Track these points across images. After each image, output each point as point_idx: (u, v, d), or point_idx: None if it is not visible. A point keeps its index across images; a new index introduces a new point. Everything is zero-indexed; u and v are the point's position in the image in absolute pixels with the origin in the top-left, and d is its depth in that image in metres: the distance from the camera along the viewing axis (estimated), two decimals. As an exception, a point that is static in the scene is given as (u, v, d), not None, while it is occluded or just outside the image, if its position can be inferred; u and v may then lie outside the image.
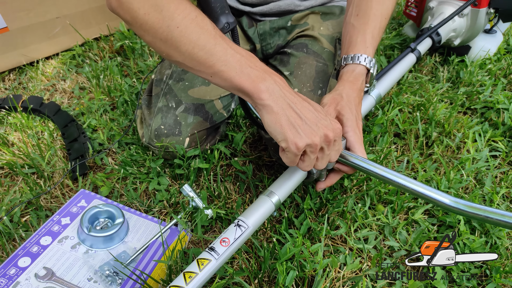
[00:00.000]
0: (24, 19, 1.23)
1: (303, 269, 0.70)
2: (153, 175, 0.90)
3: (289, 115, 0.60)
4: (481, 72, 1.22)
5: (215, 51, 0.62)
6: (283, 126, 0.60)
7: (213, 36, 0.63)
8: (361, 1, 0.83)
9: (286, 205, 0.85)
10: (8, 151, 0.96)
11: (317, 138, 0.60)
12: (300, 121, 0.60)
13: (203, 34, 0.63)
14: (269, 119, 0.60)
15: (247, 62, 0.62)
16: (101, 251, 0.74)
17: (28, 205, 0.87)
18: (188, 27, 0.63)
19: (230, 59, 0.62)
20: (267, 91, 0.60)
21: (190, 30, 0.62)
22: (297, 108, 0.61)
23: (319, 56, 0.94)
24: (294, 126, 0.60)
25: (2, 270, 0.68)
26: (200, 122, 0.90)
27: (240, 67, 0.61)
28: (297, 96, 0.63)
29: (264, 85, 0.60)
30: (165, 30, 0.63)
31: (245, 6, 1.02)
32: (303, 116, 0.60)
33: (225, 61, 0.62)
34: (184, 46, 0.63)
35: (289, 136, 0.59)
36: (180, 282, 0.57)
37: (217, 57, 0.62)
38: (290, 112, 0.60)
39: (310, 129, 0.60)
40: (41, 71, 1.30)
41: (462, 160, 0.92)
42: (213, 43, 0.62)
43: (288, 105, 0.60)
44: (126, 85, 1.18)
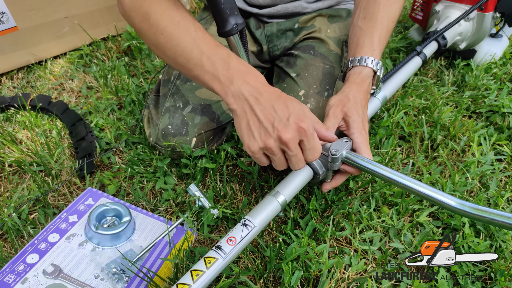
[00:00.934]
0: (33, 19, 1.25)
1: (308, 270, 0.71)
2: (160, 174, 0.91)
3: (249, 119, 0.61)
4: (486, 76, 1.22)
5: (192, 57, 0.64)
6: (242, 129, 0.62)
7: (192, 41, 0.64)
8: (368, 4, 0.84)
9: (292, 205, 0.85)
10: (16, 149, 0.97)
11: (271, 141, 0.60)
12: (257, 124, 0.61)
13: (182, 39, 0.65)
14: (235, 123, 0.63)
15: (222, 65, 0.63)
16: (108, 249, 0.75)
17: (36, 203, 0.87)
18: (170, 32, 0.65)
19: (205, 64, 0.63)
20: (233, 96, 0.62)
21: (172, 36, 0.65)
22: (259, 110, 0.61)
23: (326, 58, 0.94)
24: (251, 130, 0.61)
25: (11, 266, 0.69)
26: (207, 123, 0.91)
27: (213, 72, 0.63)
28: (265, 96, 0.61)
29: (231, 89, 0.62)
30: (153, 36, 0.66)
31: (252, 8, 1.03)
32: (262, 118, 0.60)
33: (200, 65, 0.64)
34: (168, 51, 0.66)
35: (245, 140, 0.61)
36: (187, 280, 0.58)
37: (193, 62, 0.64)
38: (250, 116, 0.61)
39: (266, 132, 0.60)
40: (49, 70, 1.31)
41: (467, 163, 0.92)
42: (190, 48, 0.64)
43: (250, 109, 0.61)
44: (133, 85, 1.19)
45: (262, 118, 0.60)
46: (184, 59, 0.65)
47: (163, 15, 0.66)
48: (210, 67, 0.63)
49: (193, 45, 0.64)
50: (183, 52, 0.65)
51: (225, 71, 0.63)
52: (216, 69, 0.63)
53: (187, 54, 0.65)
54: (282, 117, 0.60)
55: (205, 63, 0.63)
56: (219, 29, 0.67)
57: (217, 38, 0.99)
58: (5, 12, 1.18)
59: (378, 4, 0.82)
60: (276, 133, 0.59)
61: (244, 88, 0.62)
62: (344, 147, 0.71)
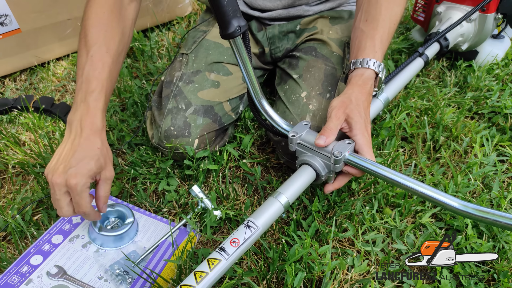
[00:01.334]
0: (36, 21, 1.25)
1: (311, 271, 0.71)
2: (163, 176, 0.91)
3: (60, 148, 0.68)
4: (488, 77, 1.23)
5: (76, 78, 0.73)
6: (56, 152, 0.68)
7: (83, 63, 0.72)
8: (370, 7, 0.84)
9: (294, 207, 0.85)
10: (20, 151, 0.98)
11: (49, 176, 0.64)
12: (58, 157, 0.66)
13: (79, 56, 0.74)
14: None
15: (80, 93, 0.70)
16: (112, 250, 0.75)
17: (40, 204, 0.88)
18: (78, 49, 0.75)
19: (76, 88, 0.72)
20: (68, 122, 0.69)
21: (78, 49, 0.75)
22: (68, 146, 0.67)
23: (328, 59, 0.95)
24: (54, 158, 0.67)
25: (15, 268, 0.69)
26: (209, 124, 0.91)
27: (75, 96, 0.71)
28: (82, 137, 0.67)
29: (70, 114, 0.70)
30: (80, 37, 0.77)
31: (254, 11, 1.03)
32: (64, 154, 0.66)
33: (75, 89, 0.72)
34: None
35: (48, 165, 0.66)
36: (191, 282, 0.58)
37: (76, 81, 0.73)
38: (62, 146, 0.68)
39: (54, 166, 0.65)
40: (52, 72, 1.32)
41: (470, 165, 0.92)
42: (77, 74, 0.72)
43: (66, 141, 0.68)
44: (136, 87, 1.19)
45: (64, 154, 0.66)
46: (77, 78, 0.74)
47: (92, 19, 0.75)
48: (78, 89, 0.71)
49: (80, 71, 0.72)
50: (77, 77, 0.73)
51: (79, 99, 0.70)
52: (78, 95, 0.71)
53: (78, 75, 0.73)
54: (70, 165, 0.64)
55: (78, 85, 0.71)
56: (222, 31, 0.67)
57: (220, 39, 1.00)
58: (8, 14, 1.19)
59: (379, 6, 0.83)
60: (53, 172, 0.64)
61: (80, 122, 0.68)
62: (346, 149, 0.71)
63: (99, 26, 0.74)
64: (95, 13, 0.75)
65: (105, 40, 0.74)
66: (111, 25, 0.76)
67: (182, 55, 1.01)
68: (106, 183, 0.69)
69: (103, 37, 0.73)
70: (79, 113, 0.68)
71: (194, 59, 0.98)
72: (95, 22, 0.74)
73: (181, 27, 1.54)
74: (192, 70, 0.96)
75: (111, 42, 0.75)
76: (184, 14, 1.62)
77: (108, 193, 0.71)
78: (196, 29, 1.07)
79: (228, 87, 0.97)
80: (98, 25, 0.74)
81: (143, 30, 1.52)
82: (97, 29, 0.74)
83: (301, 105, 0.89)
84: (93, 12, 0.75)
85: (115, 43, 0.75)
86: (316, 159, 0.74)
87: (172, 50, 1.40)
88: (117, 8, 0.78)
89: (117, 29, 0.77)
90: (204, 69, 0.96)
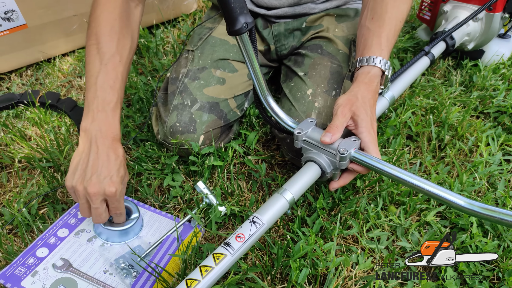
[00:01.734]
0: (42, 17, 1.26)
1: (316, 267, 0.71)
2: (168, 172, 0.92)
3: (82, 158, 0.69)
4: (494, 77, 1.22)
5: (87, 85, 0.74)
6: (72, 163, 0.69)
7: (97, 71, 0.73)
8: (376, 5, 0.84)
9: (299, 204, 0.86)
10: (26, 145, 0.98)
11: (81, 187, 0.66)
12: (83, 167, 0.68)
13: (91, 63, 0.74)
14: (74, 154, 0.70)
15: (96, 101, 0.71)
16: (117, 245, 0.76)
17: (46, 198, 0.88)
18: (87, 52, 0.75)
19: (88, 95, 0.72)
20: (84, 131, 0.70)
21: (87, 55, 0.75)
22: (93, 156, 0.68)
23: (333, 57, 0.95)
24: (77, 168, 0.68)
25: (21, 259, 0.70)
26: (214, 120, 0.92)
27: (88, 103, 0.72)
28: (105, 146, 0.69)
29: (85, 122, 0.71)
30: (85, 49, 0.77)
31: (260, 9, 1.03)
32: (90, 164, 0.68)
33: (86, 95, 0.73)
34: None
35: (68, 174, 0.68)
36: (197, 276, 0.58)
37: (86, 86, 0.74)
38: (85, 156, 0.69)
39: (84, 176, 0.67)
40: (57, 68, 1.32)
41: (475, 163, 0.92)
42: (89, 82, 0.73)
43: (88, 149, 0.69)
44: (141, 83, 1.20)
45: (90, 165, 0.68)
46: (86, 82, 0.74)
47: (87, 36, 0.77)
48: (90, 98, 0.72)
49: (91, 76, 0.73)
50: (87, 81, 0.74)
51: (95, 107, 0.71)
52: (92, 103, 0.72)
53: (87, 81, 0.74)
54: (103, 174, 0.67)
55: (88, 95, 0.72)
56: (229, 27, 0.68)
57: (227, 36, 1.00)
58: (15, 10, 1.20)
59: (386, 4, 0.82)
60: (88, 183, 0.66)
61: (98, 131, 0.70)
62: (352, 146, 0.71)
63: (112, 34, 0.75)
64: (106, 20, 0.76)
65: (118, 49, 0.75)
66: (122, 33, 0.77)
67: (188, 52, 1.01)
68: (124, 186, 0.73)
69: (115, 46, 0.75)
70: (97, 122, 0.70)
71: (200, 55, 0.98)
72: (108, 30, 0.75)
73: (186, 24, 1.55)
74: (198, 67, 0.96)
75: (123, 50, 0.77)
76: (189, 11, 1.62)
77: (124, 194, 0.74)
78: (202, 26, 1.07)
79: (233, 84, 0.97)
80: (111, 33, 0.75)
81: (148, 26, 1.52)
82: (110, 37, 0.75)
83: (306, 102, 0.89)
84: (104, 19, 0.76)
85: (126, 51, 0.77)
86: (322, 156, 0.74)
87: (177, 47, 1.40)
88: (126, 13, 0.79)
89: (128, 36, 0.79)
90: (210, 65, 0.96)
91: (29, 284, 0.66)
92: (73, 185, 0.67)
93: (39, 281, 0.67)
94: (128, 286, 0.68)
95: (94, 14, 0.77)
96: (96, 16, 0.76)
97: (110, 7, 0.76)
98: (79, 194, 0.67)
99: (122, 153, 0.72)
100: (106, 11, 0.76)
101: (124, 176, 0.71)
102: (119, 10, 0.77)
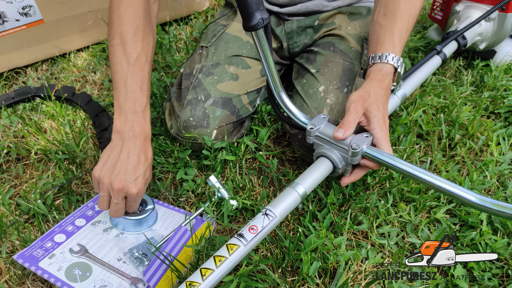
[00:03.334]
0: (58, 12, 1.28)
1: (326, 261, 0.72)
2: (180, 165, 0.93)
3: (114, 154, 0.71)
4: (506, 77, 1.22)
5: (116, 86, 0.75)
6: (103, 156, 0.71)
7: (125, 72, 0.74)
8: (388, 1, 0.84)
9: (309, 199, 0.87)
10: (42, 137, 1.00)
11: (107, 180, 0.69)
12: (113, 162, 0.70)
13: (118, 64, 0.75)
14: (106, 148, 0.73)
15: (128, 102, 0.73)
16: (131, 235, 0.77)
17: (61, 189, 0.90)
18: (111, 51, 0.76)
19: (119, 97, 0.74)
20: (118, 132, 0.72)
21: (112, 55, 0.76)
22: (124, 154, 0.71)
23: (346, 55, 0.95)
24: (107, 162, 0.70)
25: (39, 243, 0.72)
26: (227, 116, 0.93)
27: (119, 105, 0.74)
28: (137, 147, 0.71)
29: (119, 123, 0.73)
30: (109, 49, 0.77)
31: (273, 6, 1.04)
32: (120, 161, 0.70)
33: (116, 96, 0.75)
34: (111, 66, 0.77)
35: (98, 164, 0.71)
36: (211, 265, 0.59)
37: (115, 87, 0.75)
38: (116, 152, 0.71)
39: (112, 171, 0.69)
40: (72, 63, 1.35)
41: (486, 162, 0.93)
42: (118, 83, 0.74)
43: (121, 147, 0.71)
44: (155, 79, 1.21)
45: (120, 161, 0.70)
46: (113, 82, 0.76)
47: (110, 35, 0.77)
48: (122, 100, 0.74)
49: (120, 74, 0.75)
50: (113, 77, 0.76)
51: (127, 108, 0.73)
52: (123, 104, 0.73)
53: (113, 79, 0.76)
54: (129, 173, 0.70)
55: (119, 96, 0.74)
56: (245, 23, 0.69)
57: (240, 32, 1.02)
58: (32, 5, 1.22)
59: (398, 0, 0.83)
60: (115, 178, 0.69)
61: (131, 131, 0.72)
62: (364, 142, 0.72)
63: (137, 34, 0.76)
64: (131, 19, 0.76)
65: (143, 49, 0.76)
66: (146, 31, 0.78)
67: (202, 48, 1.02)
68: (146, 187, 0.75)
69: (141, 46, 0.76)
70: (130, 124, 0.72)
71: (214, 52, 1.00)
72: (133, 30, 0.75)
73: (199, 22, 1.56)
74: (211, 63, 0.97)
75: (147, 49, 0.78)
76: (201, 9, 1.64)
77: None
78: (216, 23, 1.08)
79: (246, 80, 0.98)
80: (136, 32, 0.75)
81: (161, 24, 1.54)
82: (135, 37, 0.75)
83: (318, 99, 0.90)
84: (129, 18, 0.75)
85: (150, 49, 0.79)
86: (334, 152, 0.75)
87: (190, 44, 1.42)
88: (147, 10, 0.80)
89: (150, 33, 0.79)
90: (223, 62, 0.98)
91: (46, 265, 0.68)
92: (100, 176, 0.69)
93: (56, 263, 0.69)
94: (141, 274, 0.70)
95: (117, 12, 0.76)
96: (120, 14, 0.75)
97: (135, 5, 0.76)
98: (103, 186, 0.69)
99: (151, 155, 0.74)
100: (131, 9, 0.76)
101: (148, 178, 0.74)
102: (143, 8, 0.77)
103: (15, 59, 1.29)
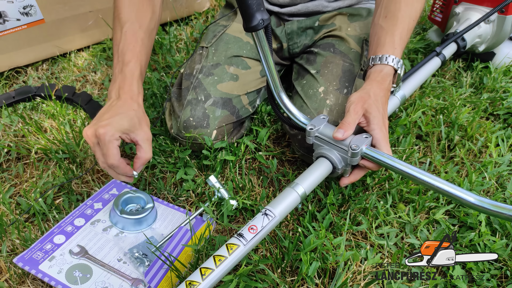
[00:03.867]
0: (59, 12, 1.28)
1: (325, 261, 0.72)
2: (180, 165, 0.94)
3: (99, 112, 0.74)
4: (505, 79, 1.22)
5: (113, 53, 0.80)
6: (99, 112, 0.74)
7: (118, 39, 0.79)
8: (389, 3, 0.85)
9: (309, 200, 0.87)
10: (42, 137, 1.01)
11: (84, 133, 0.71)
12: (97, 117, 0.73)
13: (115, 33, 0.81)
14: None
15: (118, 67, 0.77)
16: (131, 235, 0.77)
17: (61, 189, 0.91)
18: (113, 27, 0.82)
19: (114, 62, 0.78)
20: (109, 92, 0.76)
21: (113, 32, 0.81)
22: (105, 108, 0.73)
23: (345, 56, 0.96)
24: (98, 114, 0.73)
25: (39, 245, 0.72)
26: (227, 116, 0.93)
27: (113, 68, 0.78)
28: (121, 102, 0.73)
29: (110, 86, 0.77)
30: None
31: (273, 7, 1.04)
32: (101, 114, 0.72)
33: (113, 63, 0.79)
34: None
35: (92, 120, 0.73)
36: (211, 265, 0.60)
37: (113, 56, 0.80)
38: (101, 111, 0.74)
39: (92, 125, 0.71)
40: (73, 63, 1.35)
41: (485, 163, 0.93)
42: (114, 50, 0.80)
43: (106, 106, 0.74)
44: (155, 79, 1.22)
45: (99, 113, 0.72)
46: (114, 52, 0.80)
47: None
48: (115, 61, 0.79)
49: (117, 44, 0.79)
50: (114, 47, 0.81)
51: (119, 71, 0.77)
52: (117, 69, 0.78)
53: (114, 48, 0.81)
54: (102, 119, 0.70)
55: (115, 62, 0.79)
56: (245, 24, 0.69)
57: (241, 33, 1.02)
58: (33, 5, 1.22)
59: (399, 3, 0.83)
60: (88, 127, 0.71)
61: (119, 90, 0.75)
62: (364, 143, 0.72)
63: (131, 5, 0.80)
64: None
65: (137, 18, 0.80)
66: (142, 4, 0.82)
67: (202, 48, 1.03)
68: (144, 143, 0.74)
69: (135, 15, 0.80)
70: (117, 83, 0.75)
71: (214, 52, 1.00)
72: (127, 2, 0.80)
73: (199, 22, 1.57)
74: (212, 63, 0.98)
75: (143, 19, 0.81)
76: (202, 10, 1.64)
77: (147, 155, 0.74)
78: (216, 23, 1.09)
79: (246, 81, 0.99)
80: (130, 4, 0.80)
81: (162, 24, 1.54)
82: (129, 8, 0.80)
83: (318, 99, 0.90)
84: None
85: (146, 19, 0.82)
86: (333, 152, 0.76)
87: (190, 44, 1.42)
88: None
89: (148, 7, 0.83)
90: (223, 62, 0.98)
91: (47, 268, 0.68)
92: (84, 131, 0.71)
93: (56, 265, 0.69)
94: (142, 274, 0.70)
95: None
96: None
97: None
98: (86, 139, 0.71)
99: (135, 108, 0.74)
100: None
101: (126, 127, 0.71)
102: None
103: (16, 59, 1.29)
